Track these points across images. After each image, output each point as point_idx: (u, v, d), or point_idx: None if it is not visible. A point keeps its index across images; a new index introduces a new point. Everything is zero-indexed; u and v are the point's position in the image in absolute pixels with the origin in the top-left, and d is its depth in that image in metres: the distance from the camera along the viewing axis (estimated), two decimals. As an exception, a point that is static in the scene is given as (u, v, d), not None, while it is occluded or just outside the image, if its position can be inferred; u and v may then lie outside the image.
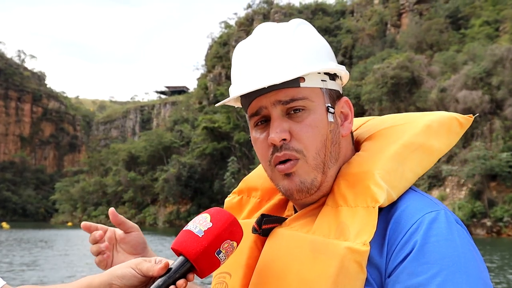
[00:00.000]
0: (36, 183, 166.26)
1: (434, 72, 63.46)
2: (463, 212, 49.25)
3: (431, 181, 55.12)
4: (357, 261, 1.07)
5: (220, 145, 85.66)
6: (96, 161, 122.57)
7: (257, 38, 1.24)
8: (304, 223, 1.22)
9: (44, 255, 29.79)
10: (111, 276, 1.11)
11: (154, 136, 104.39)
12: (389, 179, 1.15)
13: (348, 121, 1.28)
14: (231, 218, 1.13)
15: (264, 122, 1.24)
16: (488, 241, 42.40)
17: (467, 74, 55.79)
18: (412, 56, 64.21)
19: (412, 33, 79.35)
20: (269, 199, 1.41)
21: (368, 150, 1.25)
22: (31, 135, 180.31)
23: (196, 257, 1.08)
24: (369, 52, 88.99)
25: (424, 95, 60.19)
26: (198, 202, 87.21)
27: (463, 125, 1.30)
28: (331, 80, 1.25)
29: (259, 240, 1.29)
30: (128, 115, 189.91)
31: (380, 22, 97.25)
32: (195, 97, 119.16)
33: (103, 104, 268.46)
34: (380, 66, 63.66)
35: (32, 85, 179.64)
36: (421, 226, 1.07)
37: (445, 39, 75.61)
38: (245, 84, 1.21)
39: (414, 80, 62.07)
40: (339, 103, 1.27)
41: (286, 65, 1.18)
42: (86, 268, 22.95)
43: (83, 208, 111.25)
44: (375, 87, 62.92)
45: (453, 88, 56.38)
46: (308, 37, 1.23)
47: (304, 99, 1.19)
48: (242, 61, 1.24)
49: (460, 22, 79.04)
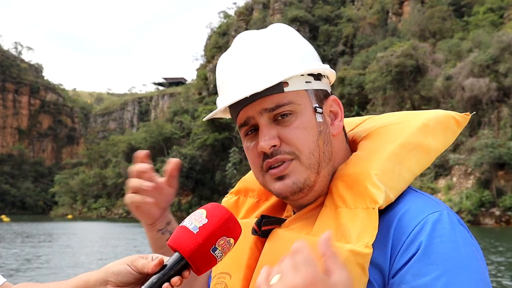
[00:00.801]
0: (35, 176, 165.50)
1: (438, 60, 62.71)
2: (471, 201, 48.62)
3: (438, 170, 54.43)
4: (359, 263, 1.07)
5: (221, 136, 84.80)
6: (96, 153, 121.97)
7: (237, 49, 1.24)
8: (303, 225, 1.23)
9: (48, 249, 29.25)
10: (107, 273, 1.11)
11: (154, 127, 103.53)
12: (386, 180, 1.16)
13: (338, 119, 1.28)
14: (227, 214, 1.11)
15: (254, 131, 1.24)
16: (497, 231, 41.94)
17: (473, 62, 55.03)
18: (417, 44, 63.36)
19: (415, 21, 78.59)
20: (267, 199, 1.42)
21: (364, 150, 1.26)
22: (29, 127, 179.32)
23: (191, 254, 1.07)
24: (371, 41, 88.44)
25: (429, 83, 59.47)
26: (200, 194, 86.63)
27: (460, 123, 1.31)
28: (316, 81, 1.25)
29: (259, 241, 1.29)
30: (126, 107, 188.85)
31: (382, 11, 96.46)
32: (195, 87, 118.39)
33: (100, 96, 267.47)
34: (384, 54, 62.78)
35: (29, 77, 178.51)
36: (425, 226, 1.08)
37: (448, 26, 74.94)
38: (229, 96, 1.22)
39: (418, 68, 61.27)
40: (327, 102, 1.27)
41: (267, 72, 1.18)
42: (89, 262, 22.25)
43: (83, 201, 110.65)
44: (379, 76, 62.11)
45: (459, 76, 55.64)
46: (287, 41, 1.24)
47: (289, 104, 1.19)
48: (224, 73, 1.24)
49: (463, 9, 78.51)
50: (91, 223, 72.81)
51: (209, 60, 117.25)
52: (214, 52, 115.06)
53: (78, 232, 49.32)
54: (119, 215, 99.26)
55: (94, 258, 23.93)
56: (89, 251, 27.84)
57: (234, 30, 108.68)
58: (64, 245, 31.83)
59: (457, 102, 55.14)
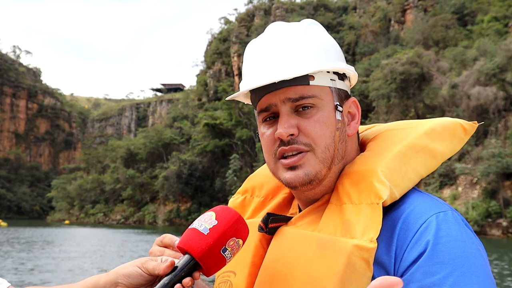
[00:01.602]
0: (31, 180, 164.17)
1: (443, 68, 62.09)
2: (478, 212, 47.81)
3: (442, 179, 53.68)
4: (364, 258, 1.09)
5: (222, 142, 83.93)
6: (94, 158, 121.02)
7: (268, 36, 1.27)
8: (309, 222, 1.25)
9: (49, 255, 28.46)
10: (117, 275, 1.11)
11: (153, 132, 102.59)
12: (392, 178, 1.18)
13: (355, 121, 1.32)
14: (236, 215, 1.13)
15: (272, 118, 1.27)
16: (504, 242, 41.17)
17: (479, 70, 54.31)
18: (421, 52, 62.74)
19: (418, 29, 78.09)
20: (273, 198, 1.44)
21: (372, 150, 1.29)
22: (26, 131, 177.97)
23: (202, 255, 1.08)
24: (373, 49, 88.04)
25: (433, 92, 58.79)
26: (199, 201, 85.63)
27: (467, 131, 1.32)
28: (340, 80, 1.28)
29: (265, 239, 1.31)
30: (124, 112, 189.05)
31: (384, 19, 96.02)
32: (194, 93, 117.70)
33: (97, 101, 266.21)
34: (389, 62, 62.09)
35: (27, 81, 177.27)
36: (431, 225, 1.10)
37: (451, 35, 74.45)
38: (256, 79, 1.24)
39: (423, 76, 60.62)
40: (347, 103, 1.30)
41: (296, 63, 1.21)
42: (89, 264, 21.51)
43: (81, 206, 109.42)
44: (384, 83, 61.46)
45: (465, 84, 54.93)
46: (318, 37, 1.27)
47: (313, 97, 1.22)
48: (253, 58, 1.27)
49: (466, 18, 78.06)
50: (90, 229, 71.73)
51: (209, 66, 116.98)
52: (215, 58, 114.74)
53: (77, 237, 48.42)
54: (117, 221, 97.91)
55: (94, 265, 23.43)
56: (90, 257, 27.21)
57: (235, 36, 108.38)
58: (66, 251, 31.02)
59: (462, 111, 54.43)
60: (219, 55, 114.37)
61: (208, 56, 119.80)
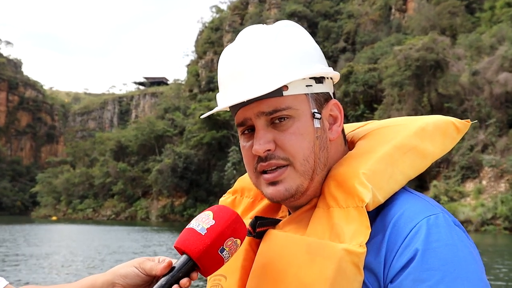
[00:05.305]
0: (12, 175, 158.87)
1: (459, 55, 59.00)
2: (508, 207, 44.51)
3: (465, 172, 50.35)
4: (354, 262, 1.08)
5: (219, 134, 79.71)
6: (80, 151, 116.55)
7: (239, 46, 1.22)
8: (298, 226, 1.22)
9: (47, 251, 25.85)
10: (114, 275, 1.11)
11: (145, 124, 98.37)
12: (376, 180, 1.15)
13: (337, 124, 1.27)
14: (234, 215, 1.12)
15: (251, 131, 1.24)
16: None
17: (503, 56, 51.20)
18: (436, 37, 59.51)
19: (424, 16, 75.19)
20: (262, 199, 1.41)
21: (359, 149, 1.26)
22: (6, 124, 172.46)
23: (199, 256, 1.06)
24: (374, 38, 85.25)
25: (451, 79, 55.54)
26: (194, 195, 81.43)
27: (460, 130, 1.30)
28: (318, 84, 1.23)
29: (254, 242, 1.29)
30: (106, 106, 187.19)
31: (384, 7, 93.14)
32: (186, 84, 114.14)
33: (77, 96, 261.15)
34: (402, 48, 58.77)
35: (8, 73, 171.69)
36: (421, 230, 1.08)
37: (459, 23, 71.71)
38: (228, 96, 1.22)
39: (438, 63, 57.35)
40: (327, 106, 1.25)
41: (266, 76, 1.17)
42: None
43: (68, 201, 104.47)
44: (397, 70, 58.08)
45: (487, 71, 51.75)
46: (291, 42, 1.21)
47: (287, 109, 1.18)
48: (225, 70, 1.24)
49: (473, 5, 75.52)
50: (80, 226, 67.59)
51: (200, 56, 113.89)
52: (206, 48, 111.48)
53: (70, 234, 44.75)
54: (107, 216, 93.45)
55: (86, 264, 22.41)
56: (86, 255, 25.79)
57: (228, 25, 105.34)
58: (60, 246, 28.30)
59: (484, 99, 51.30)
60: (211, 44, 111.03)
61: (199, 45, 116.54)
